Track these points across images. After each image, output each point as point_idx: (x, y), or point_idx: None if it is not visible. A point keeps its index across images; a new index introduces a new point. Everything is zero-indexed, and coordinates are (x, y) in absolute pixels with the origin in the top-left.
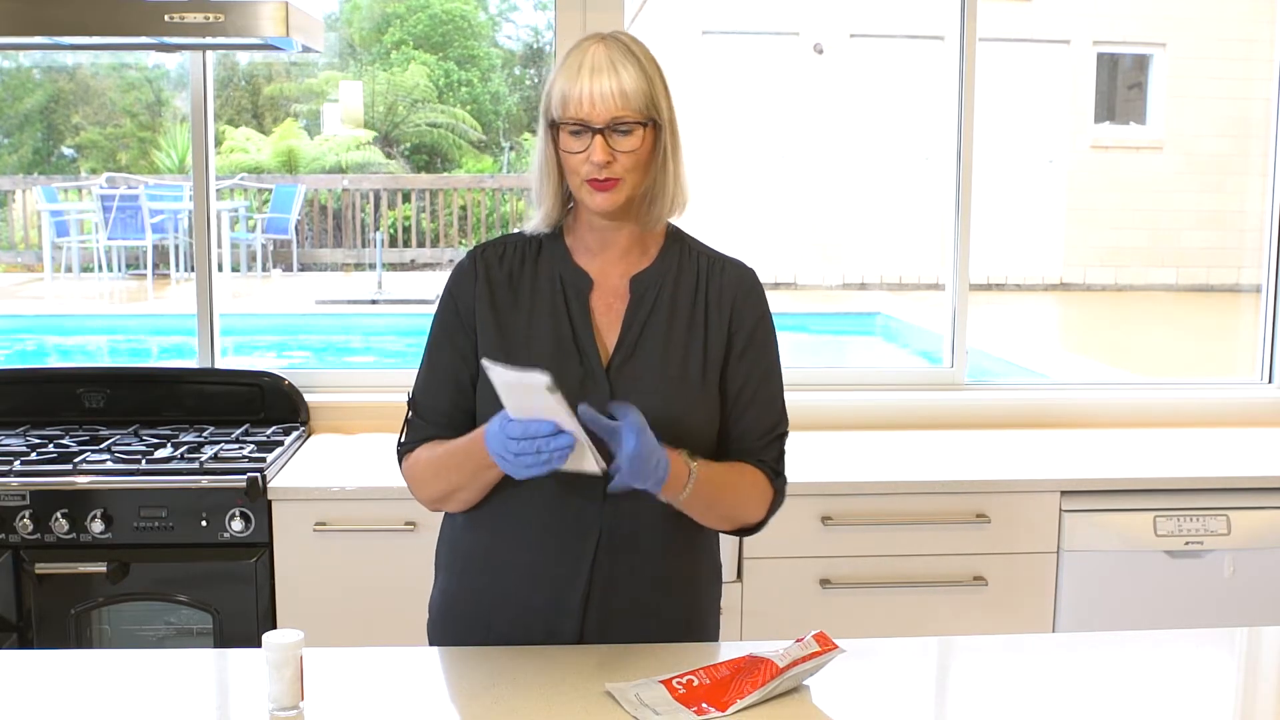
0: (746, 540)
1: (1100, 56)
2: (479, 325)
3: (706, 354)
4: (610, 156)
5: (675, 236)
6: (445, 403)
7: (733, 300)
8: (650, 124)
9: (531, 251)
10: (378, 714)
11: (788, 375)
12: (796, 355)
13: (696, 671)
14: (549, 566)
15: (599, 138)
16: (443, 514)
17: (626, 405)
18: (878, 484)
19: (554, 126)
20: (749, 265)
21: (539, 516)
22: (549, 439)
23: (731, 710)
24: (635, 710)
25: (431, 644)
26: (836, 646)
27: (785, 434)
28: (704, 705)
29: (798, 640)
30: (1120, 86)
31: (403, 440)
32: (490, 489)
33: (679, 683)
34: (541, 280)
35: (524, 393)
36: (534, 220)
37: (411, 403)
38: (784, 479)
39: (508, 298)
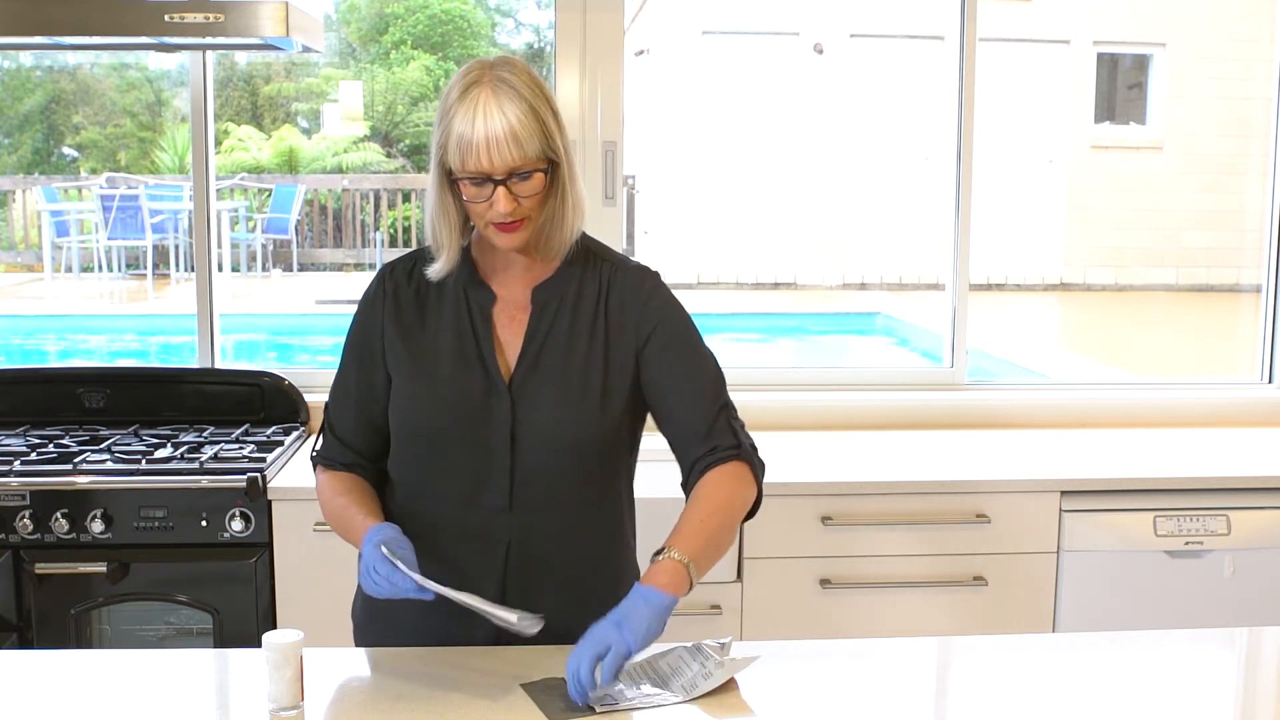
0: (746, 540)
1: (1100, 56)
2: (387, 345)
3: (608, 363)
4: (515, 204)
5: (580, 245)
6: (352, 423)
7: (636, 305)
8: (548, 164)
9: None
10: (377, 714)
11: (789, 375)
12: (796, 355)
13: None
14: (461, 570)
15: (501, 189)
16: None
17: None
18: (878, 484)
19: (452, 177)
20: (650, 269)
21: (448, 524)
22: (406, 589)
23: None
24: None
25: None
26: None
27: (727, 405)
28: None
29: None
30: (1120, 86)
31: (317, 449)
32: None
33: None
34: (447, 296)
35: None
36: (438, 265)
37: (326, 414)
38: (750, 444)
39: (415, 316)
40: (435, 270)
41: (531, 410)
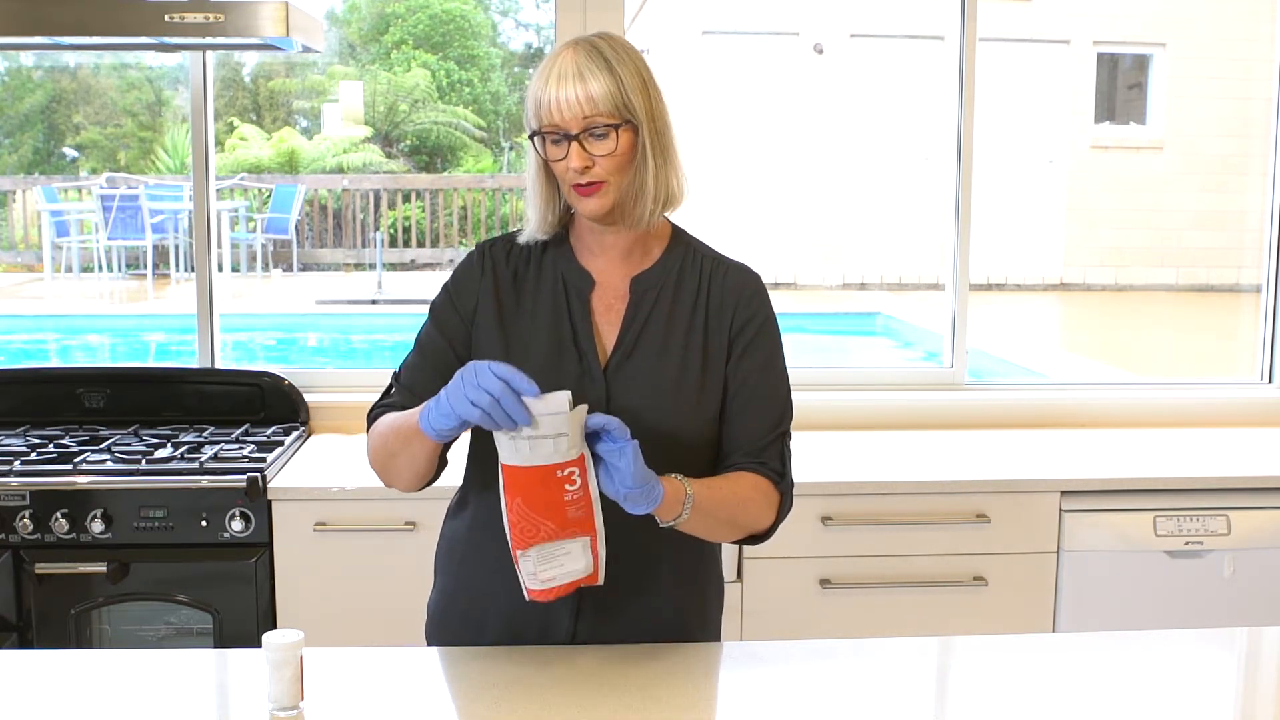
0: None
1: (1100, 56)
2: (479, 321)
3: (706, 357)
4: (588, 161)
5: (679, 238)
6: (423, 381)
7: (735, 304)
8: (626, 125)
9: (537, 251)
10: (378, 714)
11: (789, 375)
12: (796, 355)
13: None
14: None
15: (575, 144)
16: (444, 516)
17: (620, 427)
18: (878, 484)
19: (535, 135)
20: (753, 269)
21: None
22: (509, 404)
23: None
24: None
25: (429, 645)
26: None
27: (786, 433)
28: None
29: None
30: (1120, 86)
31: (375, 404)
32: (421, 466)
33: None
34: (545, 280)
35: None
36: (528, 227)
37: (395, 377)
38: (790, 481)
39: (511, 296)
40: (525, 235)
41: (626, 399)
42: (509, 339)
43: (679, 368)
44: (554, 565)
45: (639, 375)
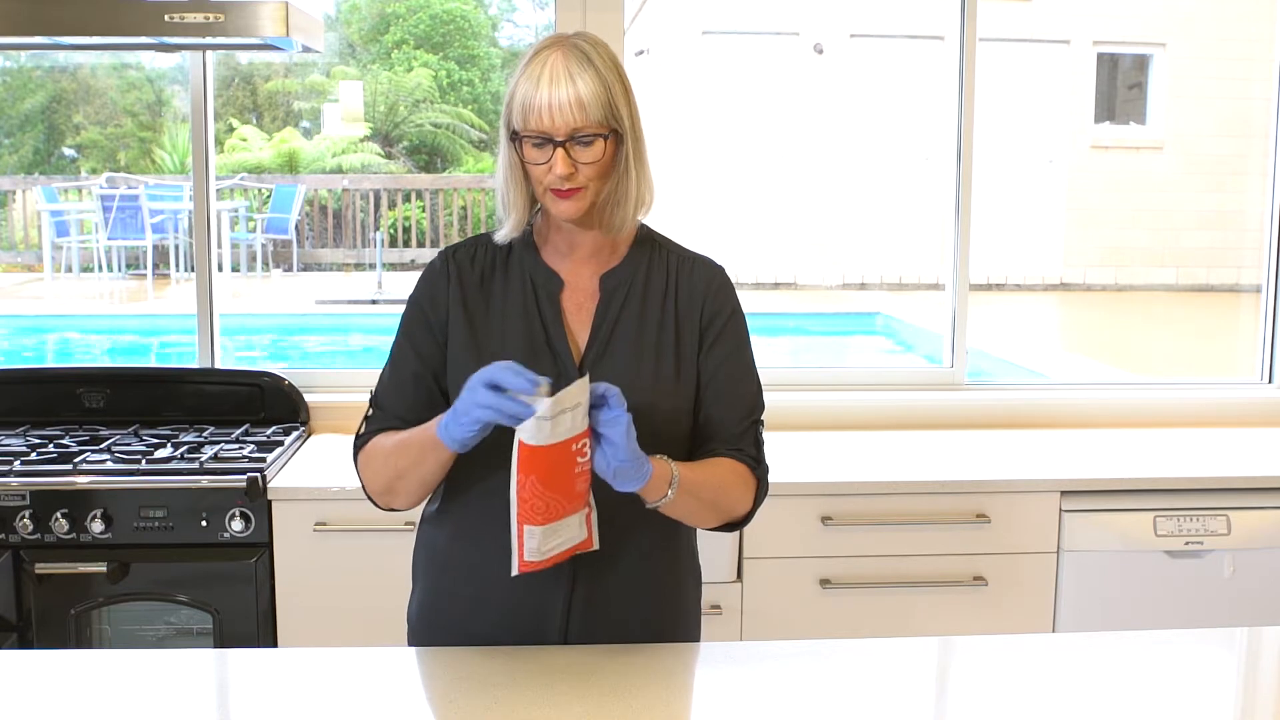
0: (746, 540)
1: (1100, 56)
2: (451, 327)
3: (679, 351)
4: (572, 168)
5: (645, 235)
6: (404, 405)
7: (703, 298)
8: (611, 133)
9: (502, 253)
10: (376, 714)
11: (789, 375)
12: (796, 355)
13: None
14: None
15: (560, 150)
16: (419, 522)
17: (618, 396)
18: (878, 484)
19: (516, 136)
20: (718, 263)
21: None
22: (512, 409)
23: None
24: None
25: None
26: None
27: (760, 421)
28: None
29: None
30: (1120, 86)
31: (360, 433)
32: (431, 479)
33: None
34: (513, 282)
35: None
36: (504, 229)
37: (373, 400)
38: (765, 467)
39: (479, 300)
40: (503, 235)
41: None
42: (481, 347)
43: (654, 363)
44: (555, 536)
45: (615, 372)
